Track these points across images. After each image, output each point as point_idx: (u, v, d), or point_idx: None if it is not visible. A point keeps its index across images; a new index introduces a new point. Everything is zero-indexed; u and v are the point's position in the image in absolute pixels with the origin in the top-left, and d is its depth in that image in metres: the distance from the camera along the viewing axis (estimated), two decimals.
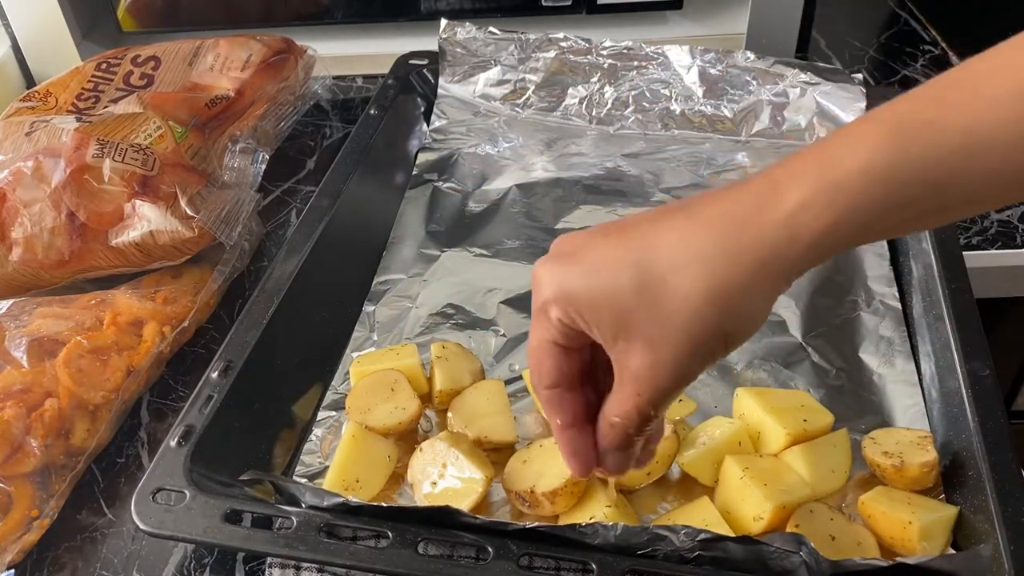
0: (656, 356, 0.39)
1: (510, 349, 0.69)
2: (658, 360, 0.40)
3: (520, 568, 0.49)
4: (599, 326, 0.40)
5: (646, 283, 0.39)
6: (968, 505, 0.54)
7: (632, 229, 0.41)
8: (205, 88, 0.87)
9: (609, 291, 0.39)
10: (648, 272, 0.39)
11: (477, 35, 0.91)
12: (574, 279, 0.40)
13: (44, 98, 0.83)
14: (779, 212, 0.37)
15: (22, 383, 0.62)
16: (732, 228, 0.38)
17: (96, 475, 0.64)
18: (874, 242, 0.41)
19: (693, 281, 0.38)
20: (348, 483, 0.57)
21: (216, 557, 0.58)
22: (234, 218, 0.76)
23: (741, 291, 0.38)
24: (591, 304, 0.40)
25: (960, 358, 0.59)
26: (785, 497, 0.54)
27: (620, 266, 0.39)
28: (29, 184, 0.72)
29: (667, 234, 0.39)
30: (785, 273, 0.38)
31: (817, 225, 0.37)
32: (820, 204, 0.37)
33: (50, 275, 0.73)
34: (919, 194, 0.38)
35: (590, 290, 0.40)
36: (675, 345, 0.39)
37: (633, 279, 0.39)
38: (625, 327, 0.39)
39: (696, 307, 0.38)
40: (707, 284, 0.38)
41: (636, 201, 0.82)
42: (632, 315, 0.39)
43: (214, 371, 0.60)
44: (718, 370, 0.67)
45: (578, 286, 0.40)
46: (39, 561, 0.59)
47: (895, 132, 0.37)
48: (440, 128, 0.90)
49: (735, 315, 0.39)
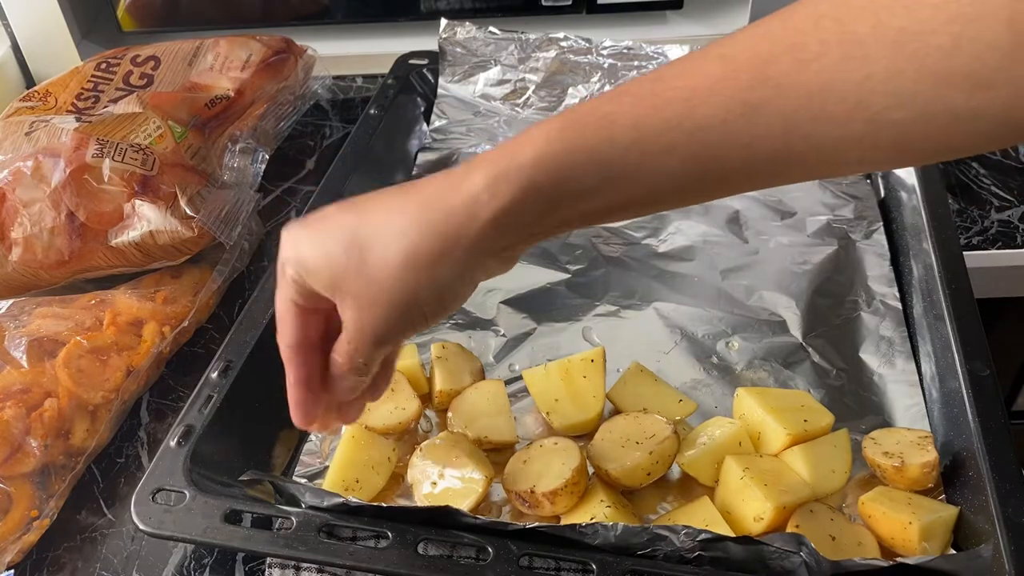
0: (361, 314, 0.44)
1: (510, 349, 0.69)
2: (363, 318, 0.44)
3: (520, 568, 0.49)
4: (319, 284, 0.45)
5: (356, 248, 0.43)
6: (968, 505, 0.54)
7: (360, 203, 0.46)
8: (205, 88, 0.87)
9: (327, 253, 0.44)
10: (358, 239, 0.44)
11: (477, 35, 0.91)
12: (304, 242, 0.45)
13: (44, 98, 0.83)
14: (462, 193, 0.42)
15: (22, 383, 0.62)
16: (427, 205, 0.43)
17: (96, 475, 0.64)
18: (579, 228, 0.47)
19: (390, 249, 0.43)
20: (348, 483, 0.57)
21: (216, 557, 0.58)
22: (234, 218, 0.76)
23: (429, 261, 0.42)
24: (314, 265, 0.45)
25: (960, 358, 0.59)
26: (785, 497, 0.54)
27: (339, 233, 0.44)
28: (29, 184, 0.72)
29: (381, 209, 0.45)
30: (471, 249, 0.42)
31: (492, 205, 0.41)
32: (494, 188, 0.41)
33: (50, 275, 0.73)
34: (594, 185, 0.41)
35: (313, 252, 0.45)
36: (377, 306, 0.44)
37: (346, 244, 0.44)
38: (338, 286, 0.44)
39: (392, 273, 0.43)
40: (402, 253, 0.43)
41: None
42: (344, 276, 0.44)
43: (214, 371, 0.60)
44: (718, 370, 0.67)
45: (306, 249, 0.45)
46: (39, 561, 0.59)
47: (570, 124, 0.41)
48: (440, 128, 0.90)
49: (427, 284, 0.43)
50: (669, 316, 0.71)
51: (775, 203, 0.81)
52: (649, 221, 0.80)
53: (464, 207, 0.42)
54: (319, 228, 0.46)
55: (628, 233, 0.79)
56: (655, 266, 0.76)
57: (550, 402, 0.62)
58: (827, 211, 0.80)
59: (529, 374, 0.64)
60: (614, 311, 0.72)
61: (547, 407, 0.62)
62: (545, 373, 0.63)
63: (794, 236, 0.77)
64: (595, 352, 0.63)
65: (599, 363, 0.62)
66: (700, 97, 0.39)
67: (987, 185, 0.86)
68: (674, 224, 0.80)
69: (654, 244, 0.78)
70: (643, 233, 0.79)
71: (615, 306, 0.72)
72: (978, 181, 0.86)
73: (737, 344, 0.69)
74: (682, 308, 0.72)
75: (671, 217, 0.80)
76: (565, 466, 0.55)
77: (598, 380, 0.62)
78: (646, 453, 0.56)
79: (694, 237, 0.78)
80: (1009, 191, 0.85)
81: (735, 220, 0.80)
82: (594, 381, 0.62)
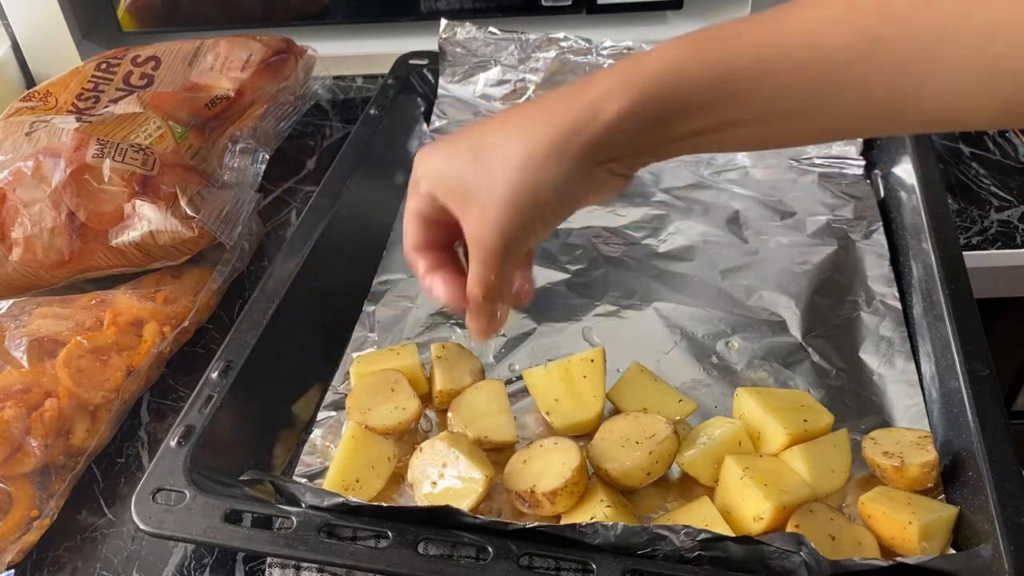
0: (484, 217, 0.47)
1: (510, 349, 0.69)
2: (486, 220, 0.47)
3: (520, 568, 0.49)
4: (450, 196, 0.49)
5: (480, 156, 0.47)
6: (968, 505, 0.54)
7: (484, 121, 0.49)
8: (205, 88, 0.87)
9: (457, 166, 0.48)
10: (484, 146, 0.47)
11: (477, 35, 0.91)
12: (437, 159, 0.50)
13: (44, 98, 0.83)
14: (585, 97, 0.45)
15: (22, 383, 0.62)
16: (547, 110, 0.46)
17: (96, 475, 0.64)
18: (685, 153, 0.48)
19: (510, 148, 0.46)
20: (348, 483, 0.57)
21: (216, 557, 0.58)
22: (234, 218, 0.76)
23: (546, 156, 0.45)
24: (446, 178, 0.49)
25: (960, 358, 0.59)
26: (785, 497, 0.54)
27: (466, 144, 0.48)
28: (29, 184, 0.72)
29: (504, 120, 0.48)
30: (586, 148, 0.45)
31: (614, 108, 0.44)
32: (618, 90, 0.44)
33: (50, 275, 0.73)
34: (714, 99, 0.43)
35: (444, 164, 0.49)
36: (498, 204, 0.46)
37: (473, 153, 0.47)
38: (465, 194, 0.48)
39: (512, 169, 0.46)
40: (520, 150, 0.46)
41: (636, 201, 0.82)
42: (470, 183, 0.47)
43: (214, 371, 0.60)
44: (718, 370, 0.67)
45: (439, 164, 0.49)
46: (39, 561, 0.59)
47: (696, 40, 0.44)
48: (440, 128, 0.90)
49: (544, 181, 0.45)
50: (669, 316, 0.71)
51: (775, 203, 0.81)
52: (649, 221, 0.80)
53: (583, 109, 0.44)
54: (449, 144, 0.50)
55: (628, 233, 0.79)
56: (655, 266, 0.76)
57: (550, 402, 0.62)
58: (827, 211, 0.80)
59: (529, 374, 0.64)
60: (614, 311, 0.72)
61: (547, 407, 0.62)
62: (545, 373, 0.63)
63: (794, 236, 0.77)
64: (595, 352, 0.63)
65: (599, 363, 0.62)
66: (827, 24, 0.40)
67: (987, 185, 0.86)
68: (674, 224, 0.80)
69: (654, 244, 0.78)
70: (643, 233, 0.79)
71: (615, 306, 0.72)
72: (978, 181, 0.87)
73: (737, 344, 0.69)
74: (682, 308, 0.72)
75: (671, 217, 0.80)
76: (565, 466, 0.55)
77: (598, 380, 0.62)
78: (646, 453, 0.56)
79: (694, 237, 0.78)
80: (1009, 191, 0.85)
81: (735, 220, 0.80)
82: (594, 381, 0.62)
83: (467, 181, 0.47)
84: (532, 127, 0.46)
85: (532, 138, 0.45)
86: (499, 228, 0.47)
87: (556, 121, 0.45)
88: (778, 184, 0.83)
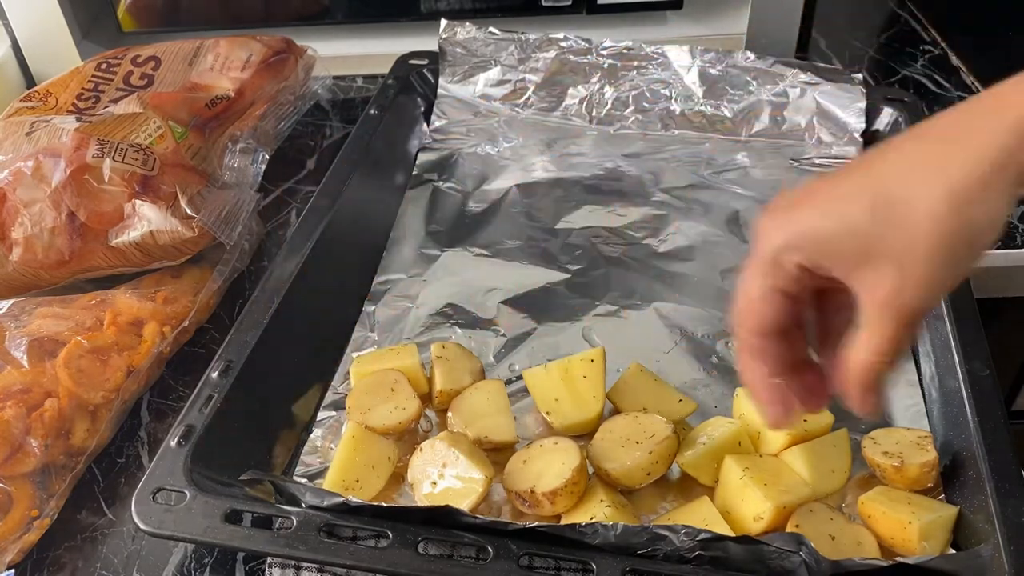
0: (906, 274, 0.40)
1: (510, 349, 0.69)
2: (909, 278, 0.40)
3: (520, 568, 0.49)
4: (842, 259, 0.42)
5: (883, 207, 0.40)
6: (968, 505, 0.54)
7: (856, 167, 0.43)
8: (205, 88, 0.87)
9: (848, 223, 0.41)
10: (883, 196, 0.40)
11: (477, 35, 0.91)
12: (810, 220, 0.42)
13: (44, 98, 0.83)
14: (1008, 117, 0.39)
15: (22, 383, 0.62)
16: (962, 138, 0.40)
17: (96, 475, 0.64)
18: None
19: (931, 191, 0.39)
20: (348, 483, 0.57)
21: (216, 557, 0.58)
22: (234, 218, 0.76)
23: (979, 194, 0.39)
24: (832, 239, 0.41)
25: (960, 358, 0.59)
26: (785, 497, 0.54)
27: (854, 198, 0.41)
28: (29, 184, 0.72)
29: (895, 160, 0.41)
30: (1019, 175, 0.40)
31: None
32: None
33: (50, 275, 0.73)
34: None
35: (829, 227, 0.42)
36: (924, 259, 0.40)
37: (870, 206, 0.40)
38: (868, 254, 0.41)
39: (939, 216, 0.39)
40: (946, 192, 0.39)
41: (636, 201, 0.82)
42: (875, 240, 0.40)
43: (214, 371, 0.60)
44: (718, 370, 0.67)
45: (817, 225, 0.42)
46: (39, 561, 0.59)
47: None
48: (440, 128, 0.90)
49: (977, 219, 0.40)
50: (669, 316, 0.71)
51: None
52: (649, 221, 0.80)
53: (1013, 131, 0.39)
54: (820, 202, 0.43)
55: (628, 233, 0.79)
56: (655, 266, 0.76)
57: (550, 402, 0.62)
58: None
59: (529, 374, 0.64)
60: (614, 311, 0.72)
61: (547, 407, 0.62)
62: (545, 373, 0.63)
63: None
64: (595, 352, 0.63)
65: (599, 363, 0.62)
66: None
67: None
68: (674, 224, 0.80)
69: (654, 244, 0.78)
70: (643, 233, 0.79)
71: (615, 306, 0.72)
72: None
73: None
74: (682, 308, 0.72)
75: (671, 217, 0.80)
76: (565, 466, 0.55)
77: (598, 380, 0.62)
78: (646, 453, 0.56)
79: (694, 237, 0.78)
80: None
81: (735, 220, 0.80)
82: (594, 381, 0.62)
83: (869, 237, 0.40)
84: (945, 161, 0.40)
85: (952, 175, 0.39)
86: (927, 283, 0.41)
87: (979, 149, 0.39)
88: (778, 184, 0.83)
